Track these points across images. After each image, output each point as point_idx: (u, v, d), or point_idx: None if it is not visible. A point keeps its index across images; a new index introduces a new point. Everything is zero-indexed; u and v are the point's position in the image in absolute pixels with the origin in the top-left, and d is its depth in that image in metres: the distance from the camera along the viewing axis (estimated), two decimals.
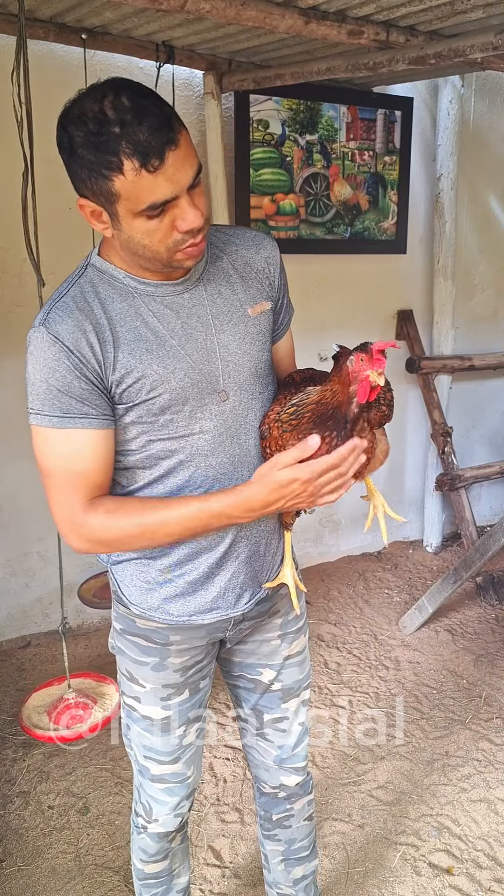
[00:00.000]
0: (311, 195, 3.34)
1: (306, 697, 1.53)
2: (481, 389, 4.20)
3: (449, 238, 3.72)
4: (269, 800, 1.59)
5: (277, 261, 1.33)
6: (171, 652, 1.35)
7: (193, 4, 1.95)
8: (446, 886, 1.98)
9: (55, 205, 2.78)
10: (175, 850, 1.55)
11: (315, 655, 3.04)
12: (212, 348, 1.22)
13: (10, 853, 2.07)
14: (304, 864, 1.64)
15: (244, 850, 2.09)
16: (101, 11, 2.31)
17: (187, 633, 1.34)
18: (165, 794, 1.44)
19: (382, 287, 3.77)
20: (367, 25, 2.24)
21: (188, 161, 1.06)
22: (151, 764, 1.42)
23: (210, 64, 2.85)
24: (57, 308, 1.15)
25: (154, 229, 1.08)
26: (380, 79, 3.23)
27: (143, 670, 1.37)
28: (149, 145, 1.01)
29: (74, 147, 1.05)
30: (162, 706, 1.38)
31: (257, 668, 1.46)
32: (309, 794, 1.60)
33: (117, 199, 1.05)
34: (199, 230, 1.11)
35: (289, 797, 1.57)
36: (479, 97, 3.78)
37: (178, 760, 1.42)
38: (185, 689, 1.39)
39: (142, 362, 1.16)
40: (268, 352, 1.31)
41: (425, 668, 2.97)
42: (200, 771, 1.52)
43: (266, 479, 1.14)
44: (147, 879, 1.57)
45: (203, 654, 1.40)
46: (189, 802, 1.49)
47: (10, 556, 3.05)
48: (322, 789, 2.31)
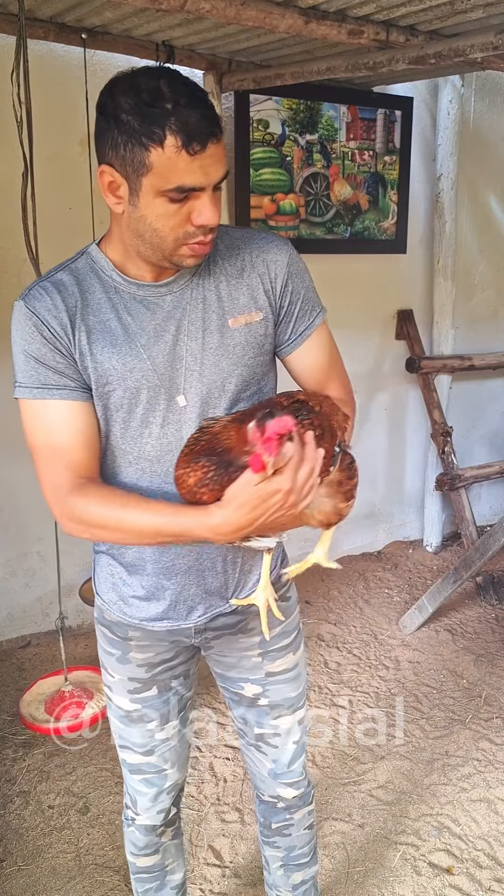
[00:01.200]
0: (311, 195, 3.34)
1: (301, 717, 1.48)
2: (481, 389, 4.20)
3: (449, 238, 3.72)
4: (267, 808, 1.57)
5: (283, 266, 1.25)
6: (132, 647, 1.37)
7: (193, 4, 1.95)
8: (446, 886, 1.98)
9: (55, 205, 2.78)
10: (166, 845, 1.56)
11: (315, 655, 3.04)
12: (179, 355, 1.19)
13: (10, 853, 2.07)
14: (304, 869, 1.62)
15: (244, 849, 2.09)
16: (100, 11, 2.31)
17: (145, 632, 1.36)
18: (143, 785, 1.46)
19: (382, 287, 3.77)
20: (367, 25, 2.24)
21: (222, 161, 1.08)
22: (127, 753, 1.44)
23: (210, 64, 2.85)
24: (39, 286, 1.19)
25: (171, 214, 1.08)
26: (380, 78, 3.23)
27: (111, 661, 1.40)
28: (196, 130, 1.02)
29: (119, 112, 1.05)
30: (130, 699, 1.39)
31: (239, 682, 1.43)
32: (309, 805, 1.57)
33: (147, 171, 1.05)
34: (210, 229, 1.11)
35: (288, 808, 1.54)
36: (479, 97, 3.78)
37: (151, 753, 1.43)
38: (152, 686, 1.39)
39: (102, 354, 1.17)
40: (247, 367, 1.24)
41: (425, 668, 2.97)
42: (184, 770, 1.52)
43: (242, 500, 1.05)
44: (140, 874, 1.58)
45: (171, 653, 1.39)
46: (170, 798, 1.49)
47: (10, 556, 3.05)
48: (322, 789, 2.31)
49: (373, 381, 3.85)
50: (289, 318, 1.28)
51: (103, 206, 2.57)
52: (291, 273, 1.26)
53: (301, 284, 1.28)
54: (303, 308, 1.28)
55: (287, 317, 1.28)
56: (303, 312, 1.29)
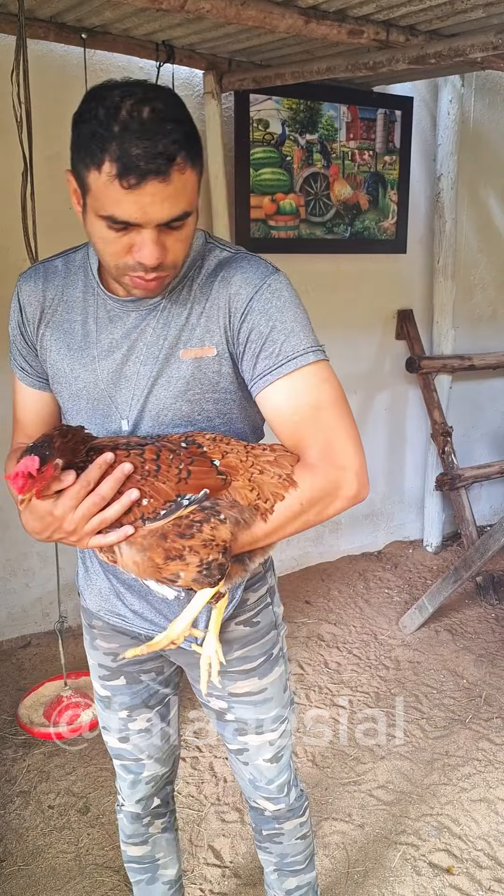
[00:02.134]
0: (311, 195, 3.34)
1: (273, 738, 1.39)
2: (481, 389, 4.20)
3: (449, 237, 3.72)
4: (257, 815, 1.52)
5: (244, 301, 1.10)
6: (96, 635, 1.38)
7: (193, 4, 1.95)
8: (446, 886, 1.98)
9: (55, 204, 2.77)
10: (156, 837, 1.56)
11: (315, 655, 3.04)
12: (125, 376, 1.14)
13: (10, 853, 2.07)
14: (299, 875, 1.58)
15: (244, 849, 2.09)
16: (100, 11, 2.31)
17: (106, 624, 1.36)
18: (123, 771, 1.48)
19: (382, 287, 3.76)
20: (367, 25, 2.24)
21: (172, 201, 0.98)
22: (107, 735, 1.47)
23: (210, 63, 2.85)
24: (35, 268, 1.23)
25: (110, 240, 1.02)
26: (380, 78, 3.23)
27: (86, 644, 1.43)
28: (134, 163, 0.94)
29: (79, 121, 1.01)
30: (101, 684, 1.41)
31: (205, 694, 1.36)
32: (301, 817, 1.51)
33: (88, 190, 1.01)
34: (152, 268, 1.03)
35: (276, 818, 1.49)
36: (479, 97, 3.78)
37: (126, 741, 1.43)
38: (120, 676, 1.38)
39: (59, 354, 1.19)
40: (190, 402, 1.14)
41: (425, 668, 2.97)
42: (167, 765, 1.50)
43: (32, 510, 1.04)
44: (131, 863, 1.60)
45: None
46: (150, 789, 1.49)
47: (10, 555, 3.05)
48: (322, 789, 2.31)
49: (373, 381, 3.85)
50: (250, 356, 1.12)
51: None
52: (254, 308, 1.10)
53: (265, 322, 1.10)
54: (267, 348, 1.10)
55: (248, 355, 1.12)
56: (266, 353, 1.10)
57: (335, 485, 1.09)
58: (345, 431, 1.12)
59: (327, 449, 1.10)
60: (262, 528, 1.07)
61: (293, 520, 1.09)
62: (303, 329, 1.11)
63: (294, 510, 1.08)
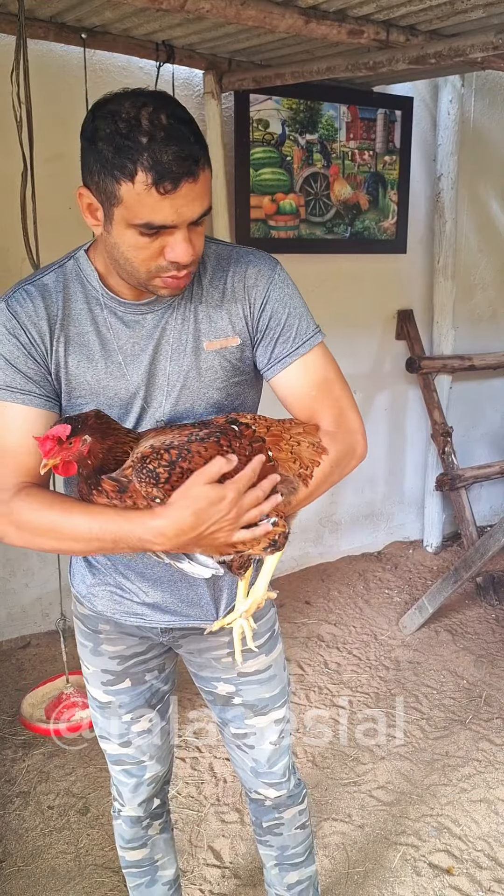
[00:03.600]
0: (311, 195, 3.33)
1: (279, 717, 1.46)
2: (481, 389, 4.20)
3: (449, 237, 3.72)
4: (257, 807, 1.56)
5: (262, 290, 1.22)
6: (102, 640, 1.38)
7: (193, 4, 1.95)
8: (446, 887, 1.98)
9: (55, 205, 2.77)
10: (154, 839, 1.57)
11: (315, 655, 3.04)
12: (154, 374, 1.19)
13: (10, 853, 2.07)
14: (300, 869, 1.61)
15: (244, 850, 2.09)
16: (100, 11, 2.31)
17: (115, 625, 1.37)
18: (123, 776, 1.48)
19: (382, 287, 3.76)
20: (367, 25, 2.24)
21: (200, 199, 1.05)
22: (106, 744, 1.47)
23: (210, 63, 2.85)
24: (23, 290, 1.18)
25: (142, 247, 1.06)
26: (380, 78, 3.23)
27: (85, 653, 1.42)
28: (168, 168, 0.99)
29: (96, 138, 1.02)
30: (104, 690, 1.41)
31: (212, 681, 1.43)
32: (300, 805, 1.55)
33: (118, 203, 1.03)
34: (185, 266, 1.08)
35: (276, 807, 1.53)
36: (479, 97, 3.78)
37: (129, 745, 1.44)
38: (125, 678, 1.40)
39: (78, 368, 1.17)
40: (220, 390, 1.23)
41: (425, 668, 2.97)
42: (166, 763, 1.52)
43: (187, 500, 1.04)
44: (130, 868, 1.60)
45: (143, 647, 1.39)
46: (151, 790, 1.50)
47: (10, 555, 3.04)
48: (322, 789, 2.31)
49: (373, 381, 3.85)
50: (268, 342, 1.23)
51: None
52: (271, 297, 1.22)
53: (283, 309, 1.22)
54: (284, 333, 1.22)
55: (266, 341, 1.23)
56: (285, 338, 1.23)
57: (351, 447, 1.25)
58: (349, 399, 1.28)
59: (340, 416, 1.25)
60: (305, 492, 1.19)
61: (324, 482, 1.21)
62: (308, 312, 1.26)
63: (326, 473, 1.21)
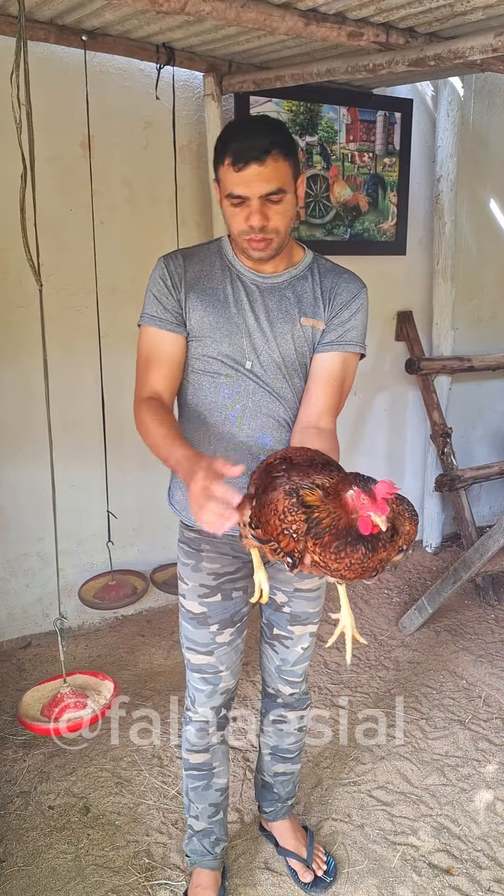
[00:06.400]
0: (310, 196, 3.34)
1: (313, 630, 1.83)
2: (481, 390, 4.21)
3: (448, 239, 3.73)
4: (269, 701, 1.95)
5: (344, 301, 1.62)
6: (203, 558, 1.70)
7: (194, 6, 1.96)
8: (446, 886, 1.98)
9: (56, 206, 2.78)
10: (215, 747, 1.86)
11: (315, 655, 3.05)
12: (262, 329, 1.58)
13: (11, 853, 2.07)
14: (287, 763, 2.01)
15: (244, 849, 2.09)
16: (101, 13, 2.32)
17: (214, 545, 1.69)
18: (202, 683, 1.78)
19: (382, 288, 3.76)
20: (367, 27, 2.24)
21: (267, 179, 1.44)
22: (191, 654, 1.77)
23: (210, 65, 2.86)
24: (177, 252, 1.64)
25: (232, 214, 1.50)
26: (379, 80, 3.23)
27: (186, 570, 1.73)
28: (241, 154, 1.43)
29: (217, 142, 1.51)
30: (199, 602, 1.72)
31: (273, 588, 1.78)
32: (303, 710, 1.95)
33: (220, 182, 1.51)
34: (259, 229, 1.48)
35: (285, 705, 1.93)
36: (479, 98, 3.78)
37: (211, 654, 1.75)
38: (217, 593, 1.71)
39: (205, 310, 1.57)
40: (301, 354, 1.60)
41: (425, 669, 2.97)
42: (236, 677, 1.82)
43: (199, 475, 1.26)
44: (191, 770, 1.88)
45: (234, 567, 1.71)
46: (223, 699, 1.80)
47: (10, 556, 3.05)
48: (322, 789, 2.32)
49: (373, 382, 3.85)
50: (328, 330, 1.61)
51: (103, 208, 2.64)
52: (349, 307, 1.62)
53: (350, 317, 1.61)
54: (339, 329, 1.60)
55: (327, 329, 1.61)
56: (339, 333, 1.61)
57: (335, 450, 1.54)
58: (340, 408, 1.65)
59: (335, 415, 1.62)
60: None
61: None
62: (365, 332, 1.66)
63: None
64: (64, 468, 2.70)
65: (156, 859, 2.05)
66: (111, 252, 2.89)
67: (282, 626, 1.82)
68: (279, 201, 1.48)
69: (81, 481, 3.06)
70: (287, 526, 1.17)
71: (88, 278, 2.82)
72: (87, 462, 3.03)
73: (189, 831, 1.95)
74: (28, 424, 2.86)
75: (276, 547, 1.21)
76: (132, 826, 2.16)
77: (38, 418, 2.52)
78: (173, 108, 2.88)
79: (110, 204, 2.92)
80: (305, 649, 1.85)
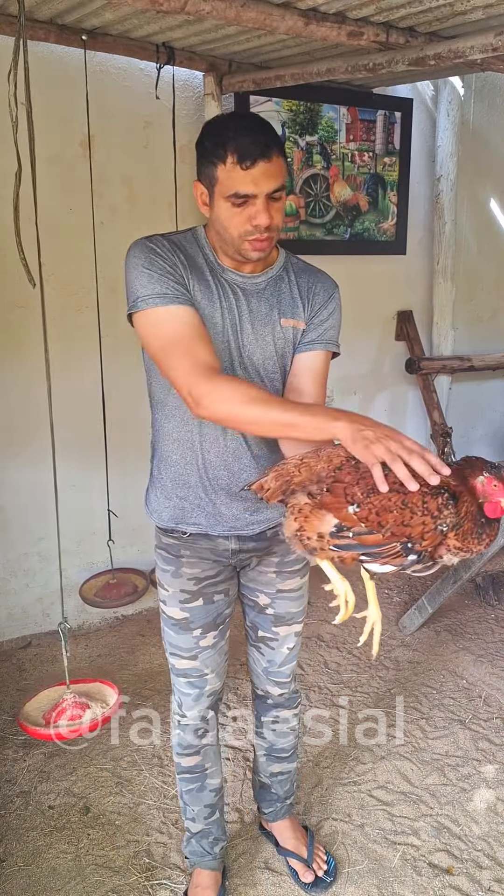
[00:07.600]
0: (310, 196, 3.34)
1: (298, 630, 1.84)
2: (481, 390, 4.21)
3: (449, 239, 3.73)
4: (260, 703, 1.95)
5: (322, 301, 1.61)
6: (183, 563, 1.68)
7: (193, 5, 1.96)
8: (446, 886, 1.98)
9: (56, 206, 2.78)
10: (206, 749, 1.84)
11: (315, 655, 3.05)
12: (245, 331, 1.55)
13: (11, 853, 2.07)
14: (283, 763, 2.01)
15: (244, 849, 2.09)
16: (100, 13, 2.32)
17: (194, 549, 1.67)
18: (188, 687, 1.76)
19: (382, 288, 3.77)
20: (367, 27, 2.24)
21: (274, 176, 1.40)
22: (175, 659, 1.75)
23: (210, 65, 2.85)
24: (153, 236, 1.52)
25: (233, 215, 1.42)
26: (379, 80, 3.23)
27: (166, 577, 1.71)
28: (248, 150, 1.37)
29: (202, 139, 1.44)
30: (180, 608, 1.70)
31: (256, 591, 1.78)
32: (294, 709, 1.95)
33: (216, 182, 1.41)
34: (265, 228, 1.43)
35: (276, 705, 1.92)
36: (479, 98, 3.78)
37: (195, 658, 1.73)
38: (199, 597, 1.69)
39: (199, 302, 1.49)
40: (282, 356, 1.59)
41: (425, 669, 2.97)
42: (222, 679, 1.81)
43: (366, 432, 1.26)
44: (184, 773, 1.87)
45: (214, 571, 1.69)
46: (209, 701, 1.79)
47: (11, 556, 3.05)
48: (322, 789, 2.32)
49: (373, 382, 3.85)
50: (307, 330, 1.60)
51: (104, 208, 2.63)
52: (326, 307, 1.62)
53: (328, 316, 1.61)
54: (318, 329, 1.60)
55: (307, 329, 1.60)
56: (319, 332, 1.60)
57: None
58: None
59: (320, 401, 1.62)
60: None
61: None
62: (340, 330, 1.66)
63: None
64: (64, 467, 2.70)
65: (156, 859, 2.05)
66: (111, 252, 2.89)
67: (266, 627, 1.81)
68: (280, 198, 1.45)
69: (82, 480, 3.06)
70: (443, 521, 1.22)
71: (88, 278, 2.82)
72: (88, 461, 3.03)
73: (187, 833, 1.94)
74: (28, 424, 2.86)
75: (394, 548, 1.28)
76: (132, 826, 2.16)
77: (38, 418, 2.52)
78: (173, 107, 2.88)
79: (110, 204, 2.92)
80: (291, 649, 1.84)
